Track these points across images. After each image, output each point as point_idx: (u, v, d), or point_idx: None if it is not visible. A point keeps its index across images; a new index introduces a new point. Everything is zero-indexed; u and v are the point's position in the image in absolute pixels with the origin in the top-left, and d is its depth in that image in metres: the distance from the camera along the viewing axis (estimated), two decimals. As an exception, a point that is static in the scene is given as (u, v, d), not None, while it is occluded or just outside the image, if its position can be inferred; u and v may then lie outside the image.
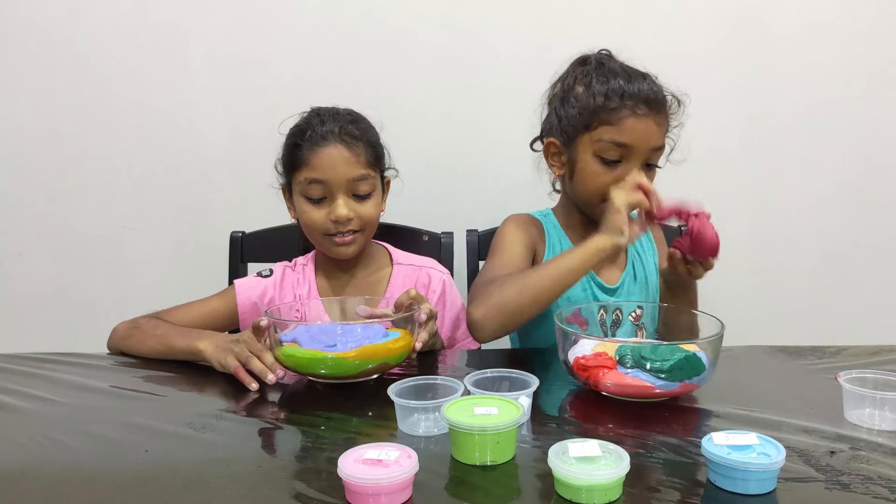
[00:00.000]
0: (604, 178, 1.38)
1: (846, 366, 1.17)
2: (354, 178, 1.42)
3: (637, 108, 1.34)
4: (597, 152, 1.38)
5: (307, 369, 1.14)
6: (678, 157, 1.49)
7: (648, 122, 1.35)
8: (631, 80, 1.36)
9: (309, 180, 1.41)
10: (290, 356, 1.13)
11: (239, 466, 0.88)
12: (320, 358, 1.11)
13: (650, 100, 1.35)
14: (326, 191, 1.42)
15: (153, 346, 1.33)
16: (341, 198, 1.42)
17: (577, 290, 1.45)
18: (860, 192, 2.12)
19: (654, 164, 1.41)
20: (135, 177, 2.06)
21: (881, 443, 0.92)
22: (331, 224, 1.42)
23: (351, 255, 1.48)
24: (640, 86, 1.36)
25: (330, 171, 1.40)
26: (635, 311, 1.38)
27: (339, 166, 1.40)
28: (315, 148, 1.40)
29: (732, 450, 0.81)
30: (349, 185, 1.42)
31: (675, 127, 1.45)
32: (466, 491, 0.82)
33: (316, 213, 1.43)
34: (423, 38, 2.00)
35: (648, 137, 1.35)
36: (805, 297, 2.17)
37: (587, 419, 1.04)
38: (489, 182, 2.05)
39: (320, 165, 1.40)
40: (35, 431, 0.99)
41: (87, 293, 2.12)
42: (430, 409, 0.97)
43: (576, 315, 1.36)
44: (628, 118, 1.34)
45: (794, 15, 2.02)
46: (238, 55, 2.00)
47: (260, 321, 1.17)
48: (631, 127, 1.34)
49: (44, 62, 2.00)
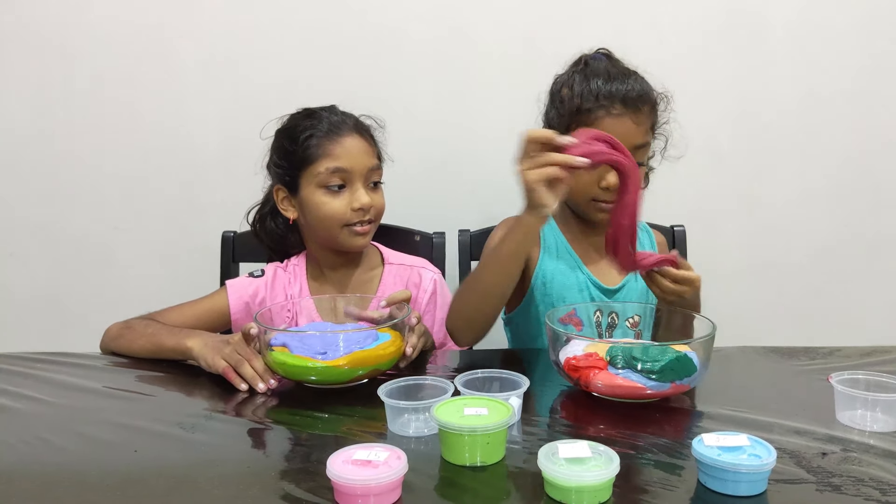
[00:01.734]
0: (585, 178, 1.36)
1: (838, 367, 1.16)
2: (371, 167, 1.45)
3: (612, 107, 1.34)
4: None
5: (297, 377, 1.14)
6: (675, 154, 1.49)
7: (625, 120, 1.35)
8: (610, 81, 1.36)
9: (332, 170, 1.41)
10: (280, 364, 1.13)
11: (228, 467, 0.88)
12: (311, 367, 1.11)
13: (627, 98, 1.35)
14: (347, 179, 1.43)
15: (143, 344, 1.32)
16: (362, 186, 1.44)
17: (574, 290, 1.45)
18: (852, 189, 2.12)
19: (639, 163, 1.40)
20: (126, 177, 2.05)
21: (873, 444, 0.92)
22: (352, 213, 1.43)
23: (365, 245, 1.50)
24: (618, 85, 1.36)
25: (353, 158, 1.43)
26: (633, 318, 1.37)
27: (361, 155, 1.44)
28: (335, 138, 1.42)
29: (723, 451, 0.81)
30: (368, 175, 1.45)
31: (664, 123, 1.45)
32: (456, 492, 0.82)
33: (337, 202, 1.43)
34: (415, 38, 1.99)
35: (626, 136, 1.32)
36: (796, 294, 2.17)
37: (578, 420, 1.04)
38: (481, 182, 2.04)
39: (343, 154, 1.42)
40: (25, 431, 0.98)
41: (78, 293, 2.11)
42: (420, 410, 0.97)
43: (571, 316, 1.35)
44: (604, 118, 1.34)
45: (784, 11, 2.02)
46: (230, 56, 2.00)
47: (249, 328, 1.17)
48: (607, 127, 1.32)
49: (35, 63, 1.99)
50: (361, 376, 1.15)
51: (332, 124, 1.44)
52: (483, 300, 1.31)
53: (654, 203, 1.47)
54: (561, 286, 1.45)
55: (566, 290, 1.45)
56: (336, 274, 1.55)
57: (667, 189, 1.53)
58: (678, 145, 1.49)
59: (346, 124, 1.45)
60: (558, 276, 1.46)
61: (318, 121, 1.45)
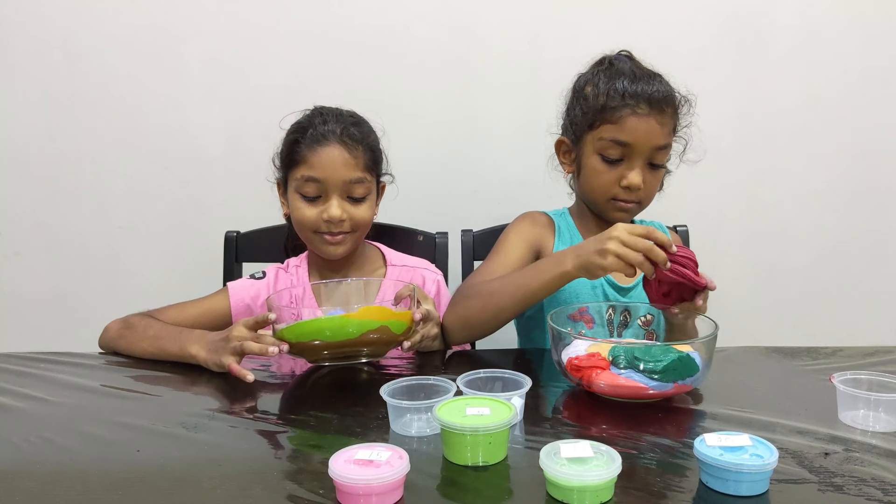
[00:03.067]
0: (606, 177, 1.39)
1: (841, 367, 1.16)
2: (351, 180, 1.42)
3: (638, 107, 1.35)
4: (598, 150, 1.39)
5: (310, 337, 1.13)
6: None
7: (650, 121, 1.35)
8: (635, 80, 1.37)
9: (306, 178, 1.41)
10: (291, 329, 1.13)
11: (230, 466, 0.88)
12: (323, 322, 1.11)
13: (652, 99, 1.35)
14: (321, 190, 1.42)
15: (145, 347, 1.32)
16: (335, 198, 1.42)
17: (587, 287, 1.45)
18: (855, 190, 2.12)
19: (659, 164, 1.41)
20: (130, 177, 2.06)
21: (875, 444, 0.92)
22: (322, 223, 1.43)
23: (340, 254, 1.48)
24: (644, 86, 1.36)
25: (328, 170, 1.41)
26: (646, 316, 1.37)
27: (338, 167, 1.41)
28: (315, 146, 1.41)
29: (725, 451, 0.80)
30: (345, 187, 1.42)
31: (685, 127, 1.45)
32: (458, 491, 0.81)
33: (309, 210, 1.43)
34: (419, 37, 2.00)
35: (650, 136, 1.36)
36: (799, 295, 2.17)
37: (580, 420, 1.03)
38: (484, 182, 2.04)
39: (318, 164, 1.41)
40: (27, 431, 0.98)
41: (83, 292, 2.11)
42: (423, 410, 0.97)
43: (582, 313, 1.35)
44: (629, 117, 1.35)
45: (788, 12, 2.02)
46: (234, 57, 2.00)
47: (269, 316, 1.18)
48: (632, 126, 1.35)
49: (40, 63, 2.00)
50: (372, 338, 1.14)
51: (316, 133, 1.42)
52: (495, 318, 1.31)
53: (657, 204, 1.47)
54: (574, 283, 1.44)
55: (580, 287, 1.45)
56: (337, 275, 1.55)
57: (671, 190, 1.52)
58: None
59: (333, 133, 1.42)
60: None
61: (306, 127, 1.44)
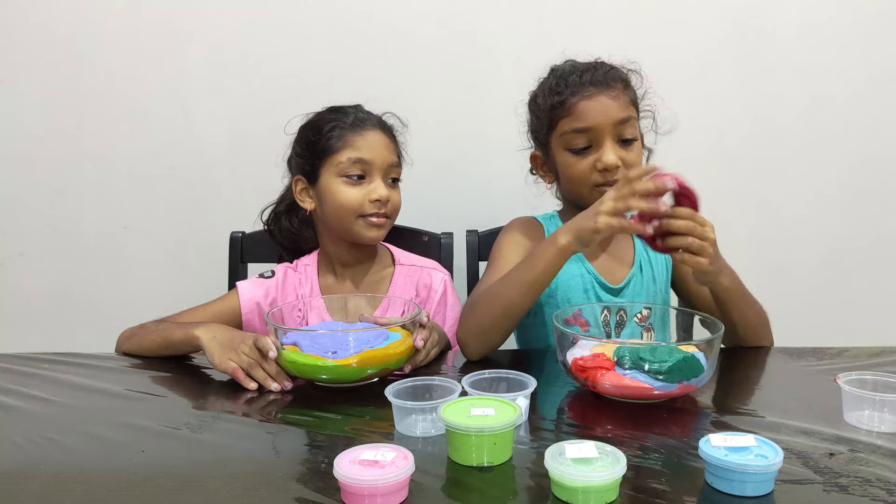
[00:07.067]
0: (579, 167, 1.38)
1: (847, 367, 1.16)
2: (392, 163, 1.49)
3: (585, 91, 1.36)
4: (565, 146, 1.39)
5: (308, 375, 1.15)
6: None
7: (601, 98, 1.35)
8: (576, 71, 1.38)
9: (353, 160, 1.45)
10: (291, 362, 1.13)
11: (235, 467, 0.88)
12: (321, 365, 1.11)
13: (596, 80, 1.36)
14: (367, 171, 1.46)
15: (153, 339, 1.34)
16: (381, 179, 1.47)
17: (579, 290, 1.45)
18: (862, 191, 2.12)
19: (630, 139, 1.38)
20: (135, 177, 2.07)
21: (880, 445, 0.92)
22: (368, 204, 1.45)
23: (378, 238, 1.51)
24: (585, 72, 1.37)
25: (374, 151, 1.46)
26: (641, 313, 1.37)
27: (381, 149, 1.48)
28: (359, 130, 1.47)
29: (730, 452, 0.80)
30: (387, 170, 1.48)
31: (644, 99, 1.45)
32: (462, 492, 0.81)
33: (354, 191, 1.46)
34: (423, 38, 2.00)
35: (606, 113, 1.35)
36: (805, 296, 2.16)
37: (585, 420, 1.03)
38: (489, 183, 2.04)
39: (365, 146, 1.46)
40: (32, 431, 0.99)
41: (87, 293, 2.12)
42: (428, 410, 0.97)
43: (576, 317, 1.35)
44: (579, 103, 1.35)
45: (794, 14, 2.02)
46: (238, 55, 2.01)
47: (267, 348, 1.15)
48: (585, 110, 1.35)
49: (44, 62, 2.00)
50: (371, 375, 1.15)
51: (357, 119, 1.49)
52: (505, 316, 1.28)
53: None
54: (566, 286, 1.44)
55: (571, 291, 1.44)
56: (348, 272, 1.56)
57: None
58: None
59: (371, 120, 1.50)
60: (562, 275, 1.45)
61: (344, 115, 1.49)
